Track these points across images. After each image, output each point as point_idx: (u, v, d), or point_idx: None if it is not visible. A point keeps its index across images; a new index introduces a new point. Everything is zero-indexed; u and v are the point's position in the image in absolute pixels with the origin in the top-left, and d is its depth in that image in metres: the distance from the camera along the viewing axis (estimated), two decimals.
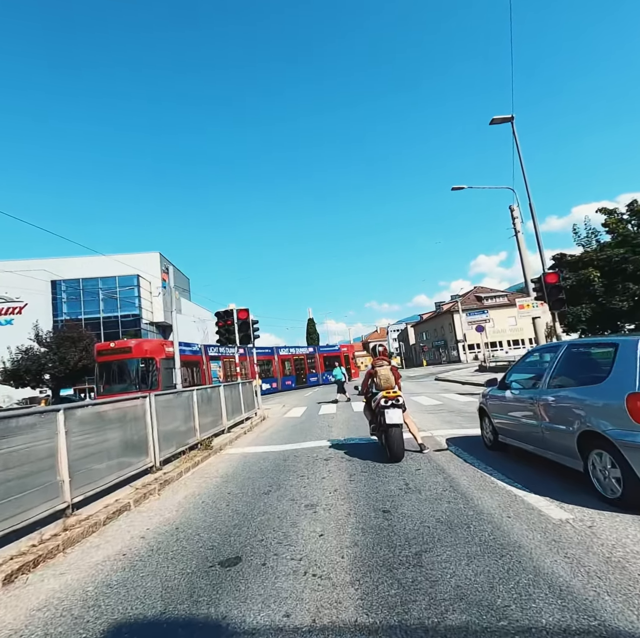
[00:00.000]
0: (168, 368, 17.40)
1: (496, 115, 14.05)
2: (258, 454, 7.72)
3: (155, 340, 19.71)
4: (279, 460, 6.96)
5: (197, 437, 8.03)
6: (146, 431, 5.95)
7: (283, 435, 9.78)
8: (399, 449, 5.86)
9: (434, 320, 73.87)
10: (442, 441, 7.12)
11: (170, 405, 7.04)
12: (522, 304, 18.82)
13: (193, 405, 8.04)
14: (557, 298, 11.84)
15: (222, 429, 9.96)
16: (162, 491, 5.42)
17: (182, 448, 7.28)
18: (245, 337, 15.47)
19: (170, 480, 5.78)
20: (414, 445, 6.52)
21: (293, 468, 6.27)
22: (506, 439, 5.46)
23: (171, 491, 5.48)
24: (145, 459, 5.87)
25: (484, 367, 27.21)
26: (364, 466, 5.94)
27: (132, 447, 5.58)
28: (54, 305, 50.48)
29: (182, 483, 5.89)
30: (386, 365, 6.38)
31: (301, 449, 7.78)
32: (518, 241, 19.82)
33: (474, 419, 9.12)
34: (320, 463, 6.43)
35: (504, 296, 63.62)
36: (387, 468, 5.69)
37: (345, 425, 10.36)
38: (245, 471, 6.40)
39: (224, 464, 7.03)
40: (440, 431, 8.06)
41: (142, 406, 5.91)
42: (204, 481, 5.92)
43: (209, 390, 9.47)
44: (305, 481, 5.43)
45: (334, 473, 5.71)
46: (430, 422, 9.33)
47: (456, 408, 11.42)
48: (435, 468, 5.45)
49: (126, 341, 20.53)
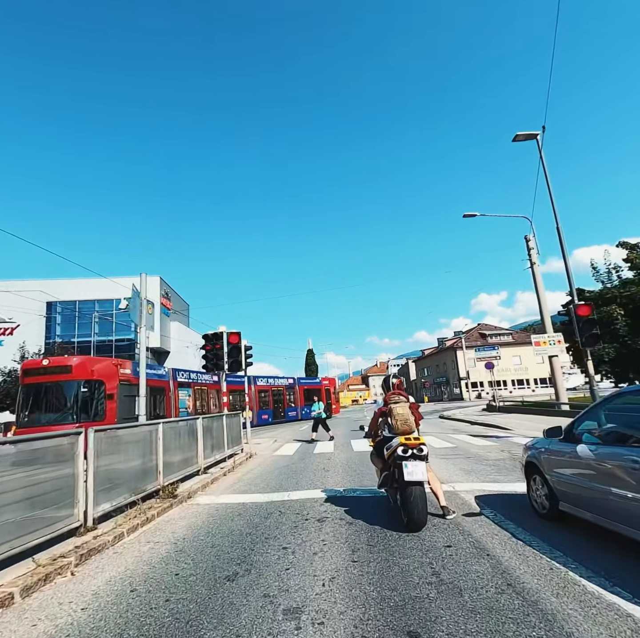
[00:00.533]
0: (129, 395, 14.67)
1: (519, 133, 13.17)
2: (233, 506, 6.07)
3: (106, 359, 15.91)
4: (259, 518, 5.33)
5: (158, 481, 6.39)
6: (74, 477, 4.36)
7: (269, 479, 8.10)
8: (420, 516, 4.28)
9: (436, 356, 72.09)
10: (470, 500, 5.50)
11: (120, 442, 5.47)
12: (537, 341, 17.36)
13: (157, 441, 6.45)
14: (590, 333, 10.35)
15: (196, 469, 8.28)
16: (81, 566, 3.78)
17: (136, 496, 5.65)
18: (235, 363, 13.97)
19: (100, 547, 4.15)
20: (435, 504, 4.94)
21: (275, 532, 4.65)
22: (576, 510, 3.86)
23: (95, 566, 3.84)
24: (70, 516, 4.25)
25: (492, 406, 25.37)
26: (372, 535, 4.34)
27: (50, 500, 3.99)
28: (48, 327, 49.10)
29: (117, 551, 4.25)
30: (404, 402, 4.91)
31: (289, 501, 6.15)
32: (534, 273, 18.60)
33: (500, 469, 7.53)
34: (312, 526, 4.81)
35: (509, 334, 62.30)
36: (404, 540, 4.10)
37: (345, 469, 8.69)
38: (211, 534, 4.76)
39: (186, 521, 5.37)
40: (463, 485, 6.42)
41: (71, 445, 4.36)
42: (149, 550, 4.29)
43: (181, 424, 7.87)
44: (289, 558, 3.83)
45: (331, 545, 4.11)
46: (447, 470, 7.68)
47: (474, 453, 9.74)
48: (473, 545, 3.85)
49: (65, 358, 16.32)
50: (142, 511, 5.35)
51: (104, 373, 14.31)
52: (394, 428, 4.76)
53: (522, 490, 5.83)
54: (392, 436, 4.77)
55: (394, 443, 4.57)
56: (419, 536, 4.20)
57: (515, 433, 13.37)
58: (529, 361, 57.33)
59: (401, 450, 4.40)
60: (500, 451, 9.69)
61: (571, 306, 10.83)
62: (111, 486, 5.11)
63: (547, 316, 18.02)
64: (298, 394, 33.85)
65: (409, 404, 4.93)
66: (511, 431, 13.80)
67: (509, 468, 7.54)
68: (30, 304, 41.76)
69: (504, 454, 9.27)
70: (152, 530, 5.01)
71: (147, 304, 7.46)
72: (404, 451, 4.39)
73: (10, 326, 45.43)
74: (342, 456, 10.61)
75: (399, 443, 4.45)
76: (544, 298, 18.36)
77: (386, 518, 4.88)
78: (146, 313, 7.42)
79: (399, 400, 4.94)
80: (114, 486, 5.19)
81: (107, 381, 14.20)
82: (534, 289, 18.32)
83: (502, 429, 14.77)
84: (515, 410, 22.68)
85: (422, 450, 4.44)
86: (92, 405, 13.55)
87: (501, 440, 11.88)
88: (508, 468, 7.61)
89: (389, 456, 4.68)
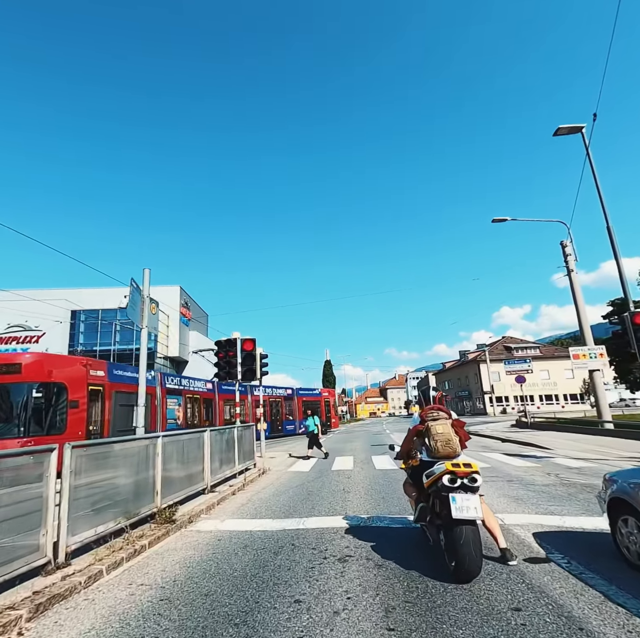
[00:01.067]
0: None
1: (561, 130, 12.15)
2: (239, 535, 5.18)
3: (70, 357, 13.28)
4: (268, 553, 4.43)
5: (155, 503, 5.55)
6: (43, 501, 3.50)
7: (282, 501, 7.17)
8: (472, 564, 3.29)
9: (457, 369, 69.80)
10: (528, 538, 4.46)
11: (108, 458, 4.63)
12: (577, 353, 16.00)
13: (154, 457, 5.64)
14: None
15: (202, 488, 7.43)
16: (35, 621, 2.93)
17: (127, 521, 4.83)
18: (249, 372, 13.14)
19: (67, 592, 3.30)
20: (490, 545, 3.95)
21: (286, 576, 3.73)
22: None
23: (53, 621, 2.98)
24: (33, 551, 3.41)
25: (523, 423, 23.74)
26: (409, 585, 3.38)
27: (5, 531, 3.17)
28: (71, 335, 49.86)
29: (88, 597, 3.38)
30: (444, 418, 4.00)
31: (304, 531, 5.22)
32: (572, 281, 17.26)
33: (553, 497, 6.34)
34: (332, 568, 3.87)
35: (536, 347, 59.82)
36: (453, 596, 3.13)
37: (367, 490, 7.68)
38: (208, 575, 3.87)
39: (181, 555, 4.50)
40: (513, 517, 5.35)
41: (39, 464, 3.50)
42: (127, 597, 3.42)
43: (185, 437, 7.01)
44: (302, 619, 2.90)
45: (357, 600, 3.17)
46: (488, 497, 6.55)
47: (514, 476, 8.58)
48: (553, 611, 2.84)
49: (15, 354, 13.20)
50: (130, 541, 4.51)
51: (67, 374, 11.52)
52: (433, 451, 3.83)
53: (590, 526, 4.79)
54: (432, 460, 3.83)
55: (436, 470, 3.62)
56: (472, 591, 3.22)
57: (556, 453, 12.05)
58: (557, 376, 54.75)
59: (448, 479, 3.43)
60: (546, 475, 8.49)
61: (626, 315, 9.58)
62: (94, 510, 4.30)
63: (586, 327, 16.63)
64: (297, 406, 31.04)
65: (451, 421, 4.01)
66: (551, 451, 12.47)
67: (563, 497, 6.41)
68: (56, 312, 42.53)
69: (552, 478, 8.08)
70: (139, 567, 4.15)
71: (150, 303, 6.74)
72: (451, 481, 3.43)
73: (37, 334, 46.35)
74: (363, 475, 9.60)
75: (445, 470, 3.49)
76: (583, 308, 17.00)
77: (424, 560, 3.91)
78: (149, 313, 6.69)
79: (439, 416, 4.02)
80: (98, 511, 4.38)
81: (71, 385, 11.47)
82: (558, 303, 17.22)
83: (539, 448, 13.43)
84: (550, 427, 21.05)
85: (476, 479, 3.46)
86: (47, 415, 10.79)
87: (541, 461, 10.62)
88: (562, 496, 6.47)
89: (429, 484, 3.73)
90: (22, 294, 37.40)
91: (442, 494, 3.46)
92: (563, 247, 17.25)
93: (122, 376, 14.24)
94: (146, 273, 6.81)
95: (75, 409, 11.48)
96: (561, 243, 17.35)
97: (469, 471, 3.48)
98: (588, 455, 11.14)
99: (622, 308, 19.46)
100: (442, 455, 3.78)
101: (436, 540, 3.86)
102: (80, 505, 4.04)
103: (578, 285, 17.10)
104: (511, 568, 3.62)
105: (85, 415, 11.77)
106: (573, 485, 7.32)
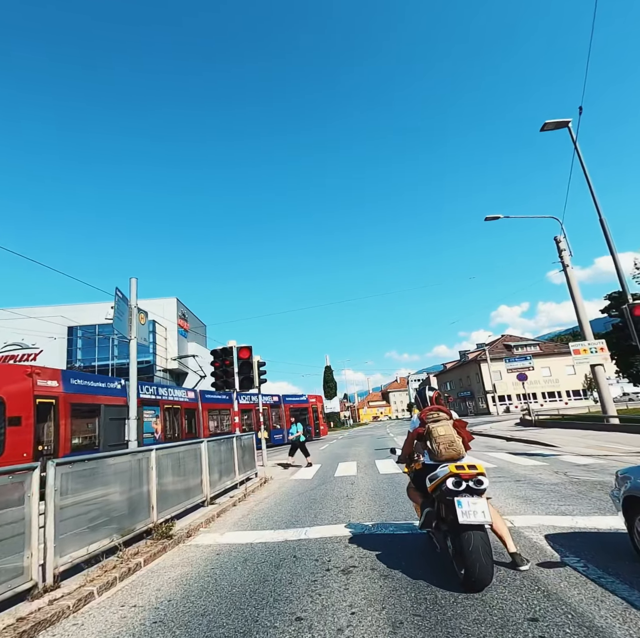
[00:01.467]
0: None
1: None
2: (239, 549, 4.97)
3: (8, 365, 10.89)
4: (268, 566, 4.22)
5: (151, 518, 5.34)
6: (25, 523, 3.28)
7: (284, 511, 6.95)
8: (483, 571, 3.09)
9: (458, 369, 69.57)
10: (540, 541, 4.26)
11: (97, 474, 4.42)
12: (577, 348, 15.80)
13: (149, 471, 5.43)
14: None
15: (201, 500, 7.21)
16: None
17: (121, 538, 4.62)
18: (247, 381, 12.93)
19: (54, 618, 3.10)
20: (500, 549, 3.76)
21: (287, 591, 3.53)
22: None
23: None
24: (17, 575, 3.20)
25: (527, 420, 23.50)
26: (417, 597, 3.18)
27: None
28: (69, 351, 49.56)
29: (77, 622, 3.17)
30: (445, 419, 3.81)
31: (306, 541, 5.02)
32: (567, 276, 17.13)
33: (563, 496, 6.12)
34: (336, 580, 3.67)
35: (535, 344, 59.69)
36: (464, 607, 2.93)
37: (371, 496, 7.47)
38: (205, 593, 3.66)
39: (177, 572, 4.29)
40: (523, 519, 5.14)
41: (20, 483, 3.30)
42: (119, 620, 3.21)
43: (182, 449, 6.79)
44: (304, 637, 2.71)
45: (362, 615, 2.97)
46: (496, 498, 6.38)
47: (522, 475, 8.37)
48: (573, 621, 2.64)
49: None
50: (124, 560, 4.30)
51: (4, 387, 9.86)
52: (436, 454, 3.65)
53: (604, 526, 4.59)
54: (435, 463, 3.65)
55: (440, 473, 3.42)
56: (484, 601, 3.03)
57: (563, 450, 11.83)
58: (559, 373, 54.57)
59: (452, 483, 3.24)
60: (554, 473, 8.28)
61: (625, 307, 9.41)
62: (85, 529, 4.10)
63: (585, 322, 16.48)
64: (284, 414, 29.27)
65: (452, 421, 3.82)
66: (557, 449, 12.25)
67: (573, 496, 6.20)
68: (53, 329, 42.28)
69: (560, 477, 7.87)
70: (133, 586, 3.94)
71: (138, 313, 6.56)
72: (456, 484, 3.23)
73: (34, 352, 46.05)
74: (367, 480, 9.38)
75: (449, 473, 3.30)
76: (581, 302, 16.85)
77: (431, 568, 3.72)
78: (137, 323, 6.51)
79: (439, 417, 3.84)
80: (90, 529, 4.18)
81: (9, 399, 9.79)
82: (555, 299, 17.14)
83: (545, 446, 13.21)
84: (554, 424, 20.82)
85: (482, 482, 3.26)
86: None
87: (549, 459, 10.40)
88: (572, 495, 6.27)
89: (432, 488, 3.54)
90: (17, 313, 37.17)
91: (447, 498, 3.27)
92: (557, 242, 17.16)
93: (83, 386, 12.75)
94: (133, 282, 6.65)
95: (17, 427, 9.81)
96: (555, 239, 17.27)
97: (474, 473, 3.29)
98: (595, 451, 10.93)
99: (619, 302, 19.33)
100: (445, 458, 3.59)
101: (443, 547, 3.67)
102: (69, 524, 3.85)
103: (575, 280, 16.99)
104: (524, 574, 3.43)
105: (31, 434, 10.14)
106: (583, 482, 7.11)
